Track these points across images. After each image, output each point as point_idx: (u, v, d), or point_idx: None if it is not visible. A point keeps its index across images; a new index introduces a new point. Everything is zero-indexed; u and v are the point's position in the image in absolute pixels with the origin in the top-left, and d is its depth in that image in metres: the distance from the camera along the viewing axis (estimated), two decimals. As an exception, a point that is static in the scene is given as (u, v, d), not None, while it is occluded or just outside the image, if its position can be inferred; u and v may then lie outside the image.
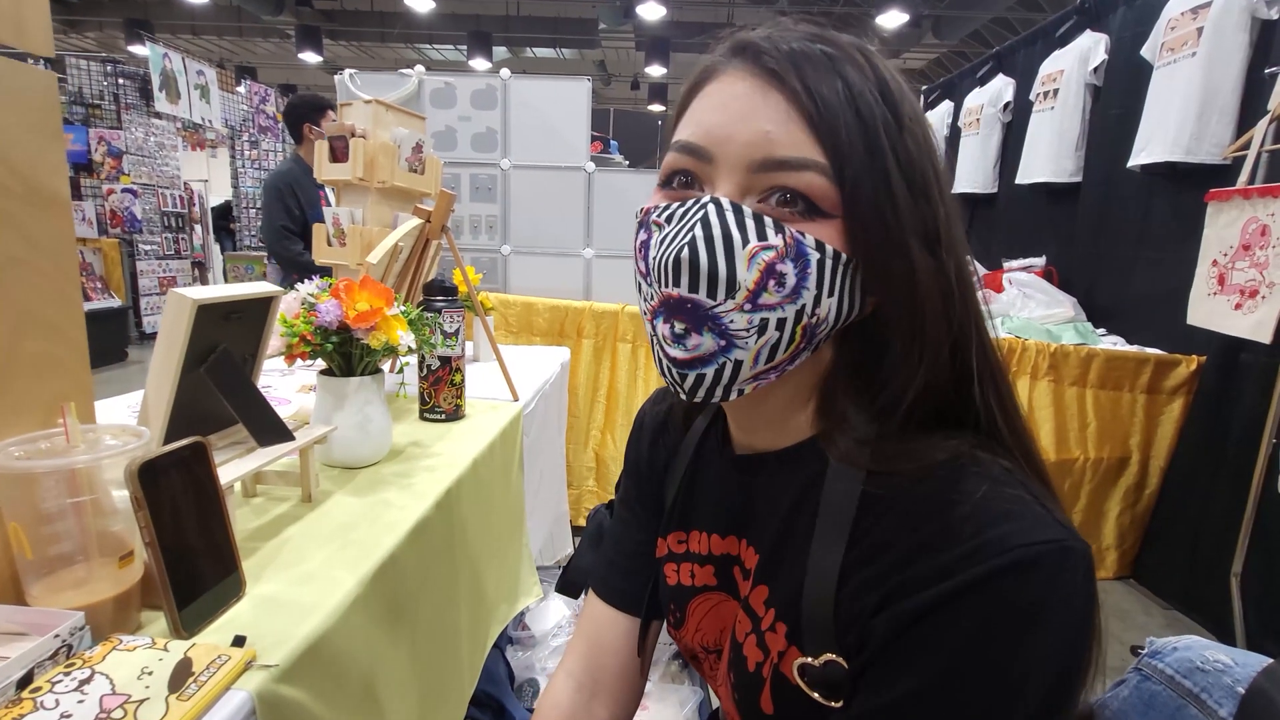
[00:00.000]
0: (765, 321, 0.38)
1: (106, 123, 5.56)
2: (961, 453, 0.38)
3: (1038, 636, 0.33)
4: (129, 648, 0.45)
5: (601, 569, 0.61)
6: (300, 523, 0.72)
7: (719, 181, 0.39)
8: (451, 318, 1.06)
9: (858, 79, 0.38)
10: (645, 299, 0.42)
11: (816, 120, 0.37)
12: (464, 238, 2.50)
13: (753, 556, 0.47)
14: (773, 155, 0.38)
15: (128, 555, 0.50)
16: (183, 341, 0.59)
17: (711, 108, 0.40)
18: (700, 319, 0.38)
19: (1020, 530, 0.34)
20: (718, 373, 0.39)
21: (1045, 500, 0.37)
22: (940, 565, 0.34)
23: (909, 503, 0.37)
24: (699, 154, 0.40)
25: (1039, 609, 0.33)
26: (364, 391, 0.86)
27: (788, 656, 0.41)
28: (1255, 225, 1.66)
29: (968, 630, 0.33)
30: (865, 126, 0.37)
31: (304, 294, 0.81)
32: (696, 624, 0.52)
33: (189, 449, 0.52)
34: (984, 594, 0.33)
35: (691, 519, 0.53)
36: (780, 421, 0.45)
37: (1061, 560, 0.33)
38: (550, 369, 1.67)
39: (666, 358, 0.40)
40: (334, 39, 10.19)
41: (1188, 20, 2.09)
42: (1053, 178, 2.79)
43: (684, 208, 0.39)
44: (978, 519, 0.35)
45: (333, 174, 1.41)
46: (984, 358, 0.41)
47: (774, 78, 0.38)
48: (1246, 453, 1.74)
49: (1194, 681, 0.54)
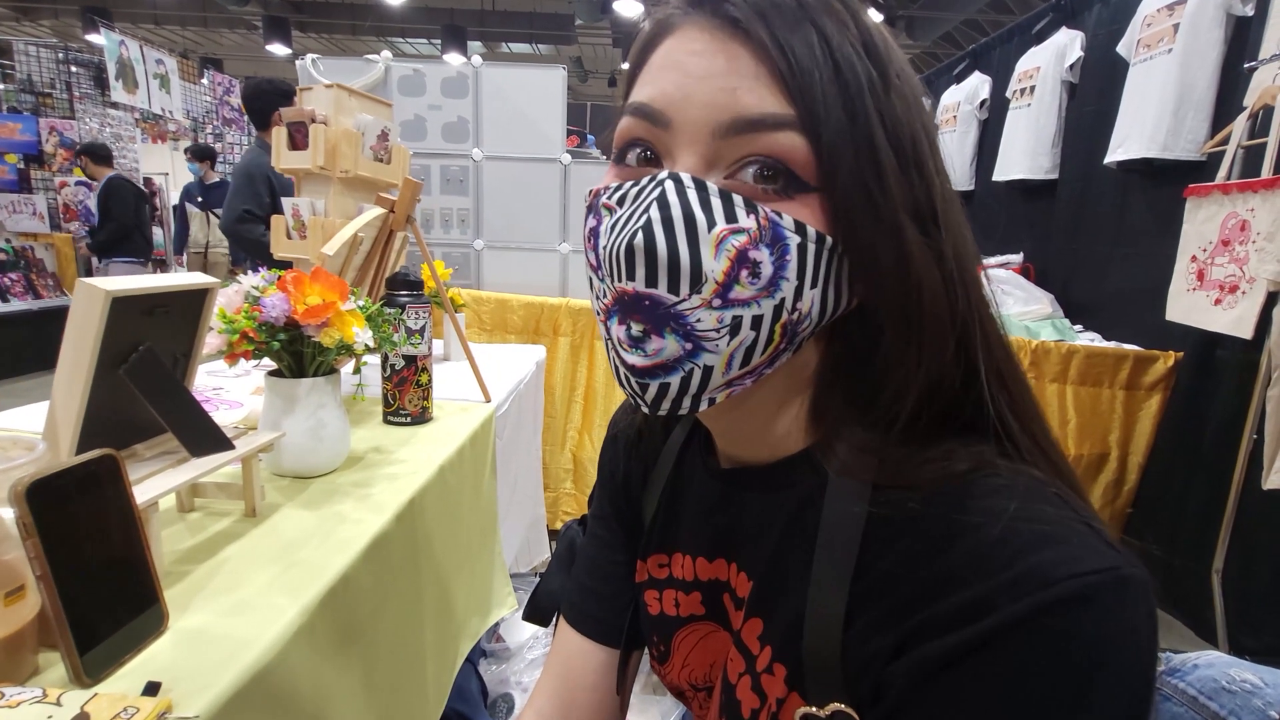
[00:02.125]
0: (738, 320, 0.32)
1: (59, 112, 5.33)
2: (982, 462, 0.33)
3: (1095, 688, 0.27)
4: (11, 703, 0.38)
5: (573, 594, 0.55)
6: (240, 541, 0.64)
7: (679, 152, 0.34)
8: (416, 314, 0.99)
9: (835, 30, 0.33)
10: (598, 296, 0.36)
11: (787, 76, 0.31)
12: (435, 231, 2.41)
13: (745, 583, 0.41)
14: (741, 115, 0.32)
15: (17, 590, 0.43)
16: (94, 339, 0.52)
17: (667, 65, 0.34)
18: (661, 318, 0.32)
19: (1066, 558, 0.28)
20: (684, 381, 0.34)
21: (1090, 518, 0.31)
22: (970, 601, 0.29)
23: (925, 525, 0.32)
24: (654, 118, 0.34)
25: (1095, 653, 0.27)
26: (317, 394, 0.78)
27: (788, 704, 0.35)
28: (1235, 220, 1.66)
29: (1007, 682, 0.28)
30: (845, 83, 0.32)
31: (247, 286, 0.74)
32: (683, 659, 0.46)
33: (95, 463, 0.45)
34: (1026, 637, 0.27)
35: (673, 539, 0.47)
36: (763, 430, 0.40)
37: (1120, 593, 0.28)
38: (525, 368, 1.60)
39: (624, 365, 0.34)
40: (303, 31, 9.93)
41: (1163, 17, 2.09)
42: (1029, 174, 2.80)
43: (638, 187, 0.34)
44: (1012, 543, 0.29)
45: (291, 162, 1.32)
46: (989, 352, 0.35)
47: (738, 28, 0.32)
48: (1223, 448, 1.74)
49: (1220, 703, 0.50)
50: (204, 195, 5.52)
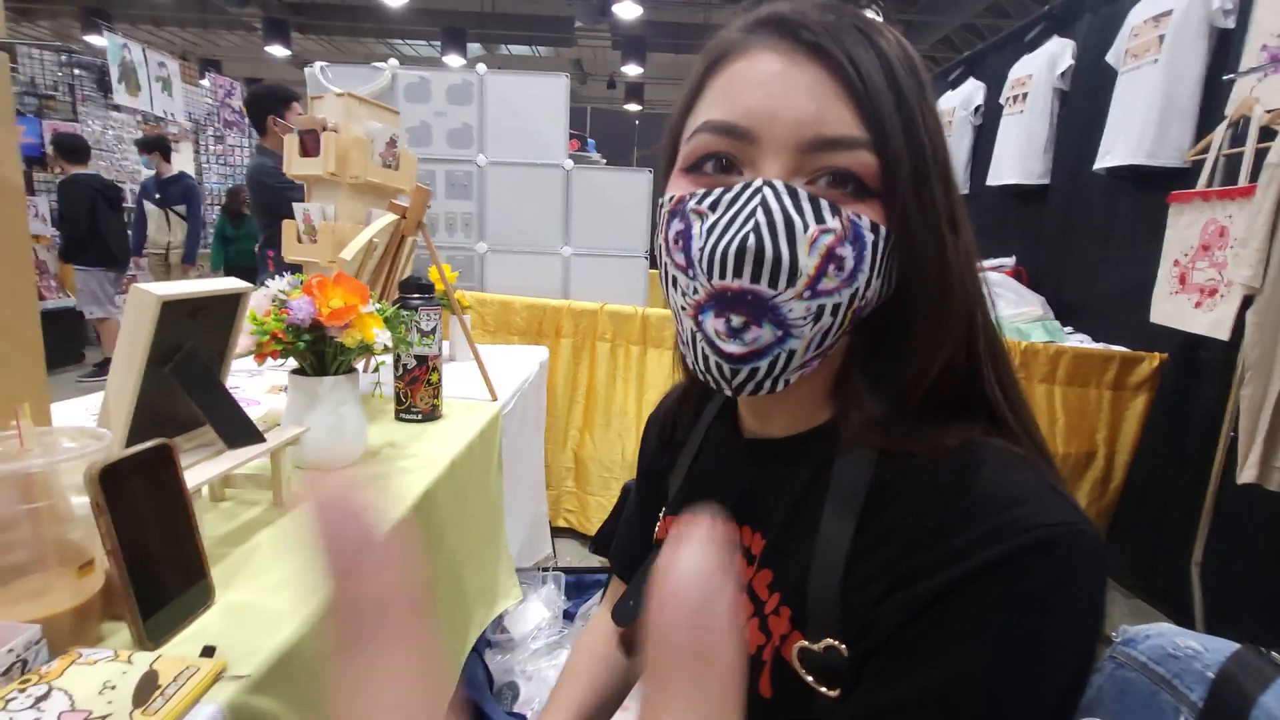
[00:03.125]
0: (822, 308, 0.37)
1: (61, 115, 5.36)
2: (974, 438, 0.38)
3: (1058, 620, 0.32)
4: (90, 661, 0.43)
5: (615, 547, 0.66)
6: (272, 527, 0.69)
7: (764, 163, 0.38)
8: (428, 316, 1.04)
9: (890, 51, 0.38)
10: (685, 293, 0.39)
11: (862, 95, 0.36)
12: (440, 235, 2.46)
13: (758, 542, 0.46)
14: (823, 134, 0.36)
15: (88, 564, 0.48)
16: (146, 340, 0.56)
17: (747, 85, 0.38)
18: (761, 310, 0.37)
19: (1036, 512, 0.34)
20: (771, 365, 0.38)
21: (1057, 484, 0.37)
22: (954, 548, 0.34)
23: (922, 486, 0.37)
24: (740, 134, 0.38)
25: (1058, 592, 0.32)
26: (338, 391, 0.83)
27: (790, 640, 0.40)
28: (1214, 226, 1.72)
29: (985, 615, 0.32)
30: (902, 101, 0.37)
31: (275, 291, 0.79)
32: None
33: (153, 452, 0.50)
34: (1000, 577, 0.33)
35: (696, 504, 0.52)
36: (796, 407, 0.45)
37: (1077, 541, 0.33)
38: (529, 368, 1.65)
39: (718, 354, 0.38)
40: (303, 33, 9.96)
41: (1150, 28, 2.15)
42: (1022, 180, 2.85)
43: (732, 193, 0.37)
44: (993, 502, 0.35)
45: (303, 169, 1.37)
46: (987, 337, 0.41)
47: (813, 51, 0.37)
48: (1206, 446, 1.80)
49: (1166, 668, 0.55)
50: (161, 191, 4.78)
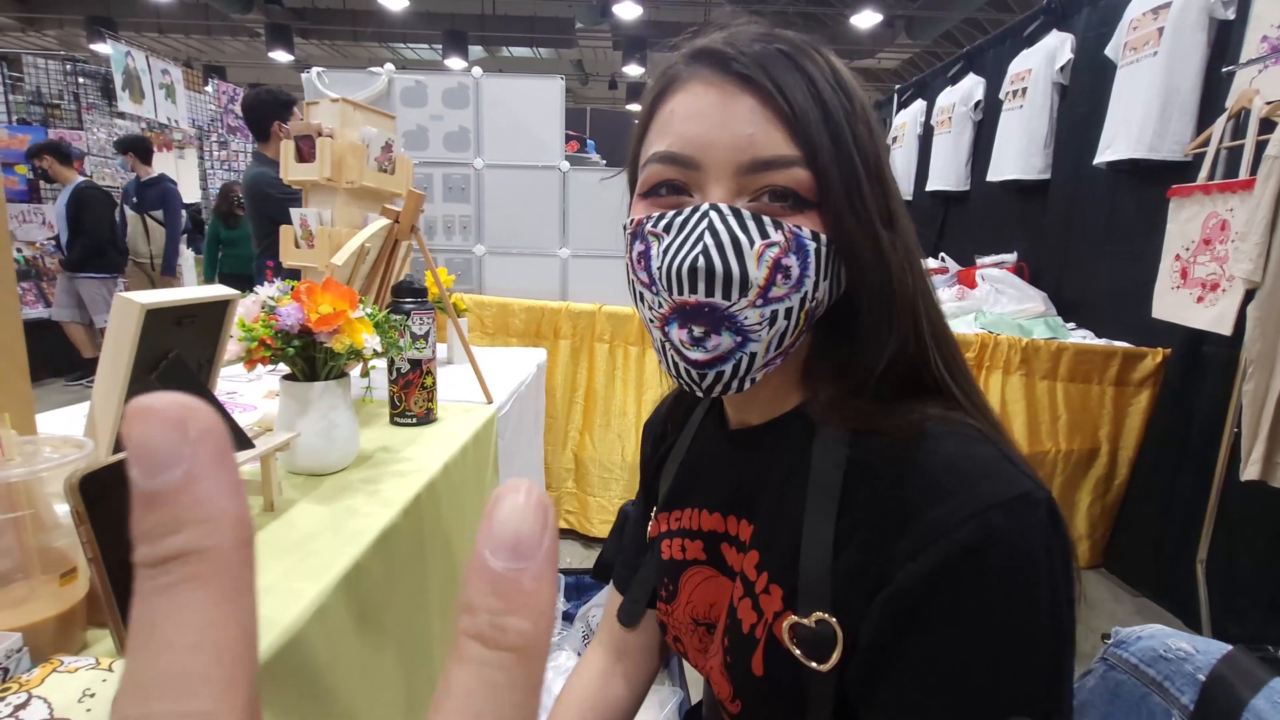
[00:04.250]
0: (775, 313, 0.41)
1: (66, 123, 5.40)
2: (933, 416, 0.42)
3: (1029, 590, 0.36)
4: (70, 669, 0.43)
5: (618, 565, 0.68)
6: (261, 533, 0.70)
7: (709, 187, 0.41)
8: (421, 319, 1.05)
9: (816, 73, 0.41)
10: (651, 307, 0.43)
11: (790, 118, 0.40)
12: (437, 238, 2.46)
13: (746, 528, 0.48)
14: (759, 156, 0.40)
15: (70, 572, 0.48)
16: (130, 348, 0.57)
17: (688, 116, 0.42)
18: (718, 320, 0.41)
19: (991, 487, 0.37)
20: (735, 367, 0.42)
21: (1010, 454, 0.40)
22: (924, 527, 0.37)
23: (892, 464, 0.40)
24: (685, 163, 0.42)
25: (1021, 564, 0.36)
26: (329, 396, 0.84)
27: (781, 618, 0.42)
28: (1215, 220, 1.70)
29: (966, 606, 0.36)
30: (830, 118, 0.41)
31: (264, 297, 0.79)
32: (688, 596, 0.53)
33: (136, 460, 0.50)
34: (968, 566, 0.36)
35: (686, 497, 0.55)
36: (767, 396, 0.49)
37: (1027, 510, 0.37)
38: (526, 370, 1.65)
39: (685, 361, 0.42)
40: (305, 37, 10.02)
41: (1149, 20, 2.13)
42: (1022, 175, 2.84)
43: (682, 216, 0.41)
44: (954, 474, 0.38)
45: (299, 174, 1.38)
46: (932, 322, 0.45)
47: (744, 81, 0.40)
48: (1210, 442, 1.78)
49: (1157, 670, 0.55)
50: (139, 195, 4.43)
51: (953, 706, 0.36)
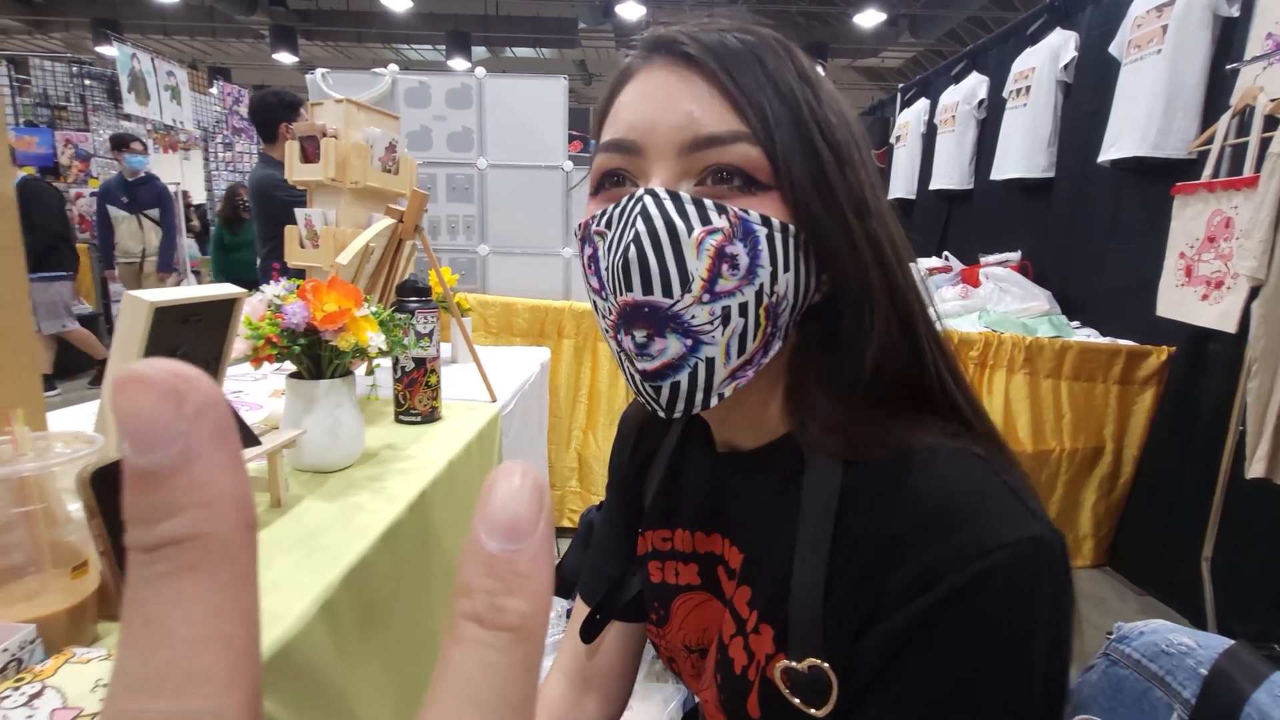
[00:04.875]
0: (727, 310, 0.37)
1: (73, 124, 5.44)
2: (932, 441, 0.38)
3: (1029, 639, 0.33)
4: (83, 660, 0.44)
5: (586, 571, 0.61)
6: (268, 529, 0.70)
7: (652, 171, 0.39)
8: (425, 318, 1.05)
9: (774, 63, 0.39)
10: (603, 316, 0.40)
11: (738, 96, 0.37)
12: (441, 238, 2.47)
13: (736, 555, 0.46)
14: (700, 133, 0.37)
15: (82, 565, 0.49)
16: (140, 345, 0.57)
17: (633, 101, 0.40)
18: (661, 321, 0.37)
19: (997, 529, 0.34)
20: (692, 377, 0.38)
21: (1019, 488, 0.37)
22: (923, 566, 0.34)
23: (888, 496, 0.37)
24: (627, 148, 0.39)
25: (1025, 613, 0.33)
26: (334, 394, 0.84)
27: (774, 660, 0.39)
28: (1219, 218, 1.70)
29: (961, 642, 0.34)
30: (787, 101, 0.38)
31: (270, 295, 0.80)
32: (680, 622, 0.51)
33: (145, 455, 0.51)
34: (968, 606, 0.33)
35: (674, 516, 0.52)
36: (752, 418, 0.45)
37: (1036, 557, 0.34)
38: (530, 369, 1.65)
39: (637, 373, 0.39)
40: (309, 39, 10.05)
41: (1153, 18, 2.13)
42: (1026, 173, 2.83)
43: (619, 207, 0.38)
44: (951, 513, 0.35)
45: (303, 175, 1.39)
46: (925, 322, 0.41)
47: (692, 63, 0.38)
48: (1215, 440, 1.78)
49: (1159, 665, 0.55)
50: (129, 194, 4.25)
51: None
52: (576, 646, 0.59)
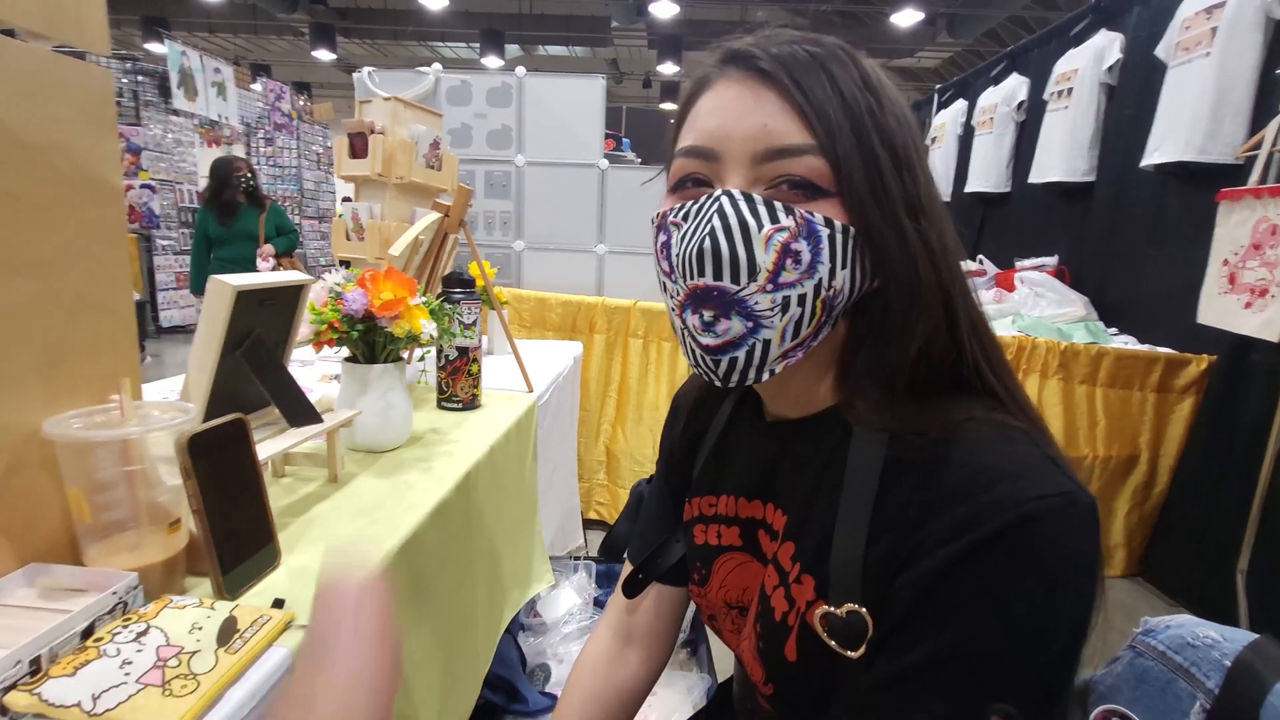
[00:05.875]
0: (787, 299, 0.41)
1: (126, 119, 5.66)
2: (975, 415, 0.41)
3: (1059, 582, 0.36)
4: (179, 606, 0.49)
5: (635, 538, 0.67)
6: (327, 501, 0.75)
7: (727, 176, 0.43)
8: (469, 309, 1.10)
9: (840, 72, 0.42)
10: (671, 296, 0.45)
11: (806, 110, 0.41)
12: (478, 233, 2.53)
13: (780, 518, 0.50)
14: (773, 145, 0.41)
15: (175, 523, 0.53)
16: (223, 326, 0.62)
17: (710, 111, 0.44)
18: (727, 304, 0.41)
19: (1034, 484, 0.37)
20: (749, 354, 0.42)
21: (1054, 454, 0.40)
22: (958, 519, 0.37)
23: (929, 463, 0.40)
24: (705, 155, 0.44)
25: (1058, 557, 0.36)
26: (386, 378, 0.89)
27: (814, 607, 0.43)
28: (1266, 225, 1.66)
29: (992, 582, 0.36)
30: (850, 110, 0.41)
31: (331, 284, 0.85)
32: (721, 581, 0.55)
33: (231, 425, 0.56)
34: (1004, 547, 0.36)
35: (721, 484, 0.56)
36: (803, 392, 0.49)
37: (1070, 510, 0.36)
38: (563, 363, 1.70)
39: (699, 347, 0.43)
40: (347, 36, 10.27)
41: (1202, 20, 2.08)
42: (1066, 177, 2.79)
43: (698, 204, 0.43)
44: (992, 472, 0.38)
45: (351, 169, 1.45)
46: (968, 316, 0.44)
47: (765, 77, 0.42)
48: (1254, 451, 1.74)
49: (1184, 656, 0.56)
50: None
51: (947, 679, 0.37)
52: (621, 603, 0.65)
